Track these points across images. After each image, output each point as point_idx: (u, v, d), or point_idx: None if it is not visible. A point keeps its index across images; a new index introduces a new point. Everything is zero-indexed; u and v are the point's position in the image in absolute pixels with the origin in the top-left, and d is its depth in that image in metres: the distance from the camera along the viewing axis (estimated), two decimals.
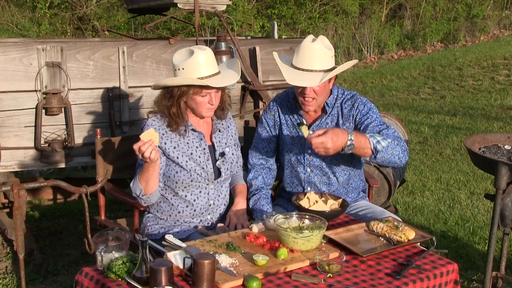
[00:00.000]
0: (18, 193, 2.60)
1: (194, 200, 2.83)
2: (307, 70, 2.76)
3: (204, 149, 2.83)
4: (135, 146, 2.48)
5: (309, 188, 3.01)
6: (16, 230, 2.64)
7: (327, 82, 2.81)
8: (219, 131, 2.93)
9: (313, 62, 2.75)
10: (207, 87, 2.70)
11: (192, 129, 2.82)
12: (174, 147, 2.77)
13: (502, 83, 10.09)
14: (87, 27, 13.32)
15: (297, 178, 3.03)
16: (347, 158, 2.93)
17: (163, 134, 2.76)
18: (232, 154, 2.95)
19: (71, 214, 4.96)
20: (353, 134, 2.57)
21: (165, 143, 2.77)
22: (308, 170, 2.98)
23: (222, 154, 2.89)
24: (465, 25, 14.63)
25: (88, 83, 3.94)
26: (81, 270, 2.24)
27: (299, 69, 2.77)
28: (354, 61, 3.14)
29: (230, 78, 2.80)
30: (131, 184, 2.74)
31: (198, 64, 2.67)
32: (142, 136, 2.49)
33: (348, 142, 2.55)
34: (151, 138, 2.49)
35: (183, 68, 2.68)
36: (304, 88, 2.79)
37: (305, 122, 2.95)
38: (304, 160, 2.97)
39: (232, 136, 2.99)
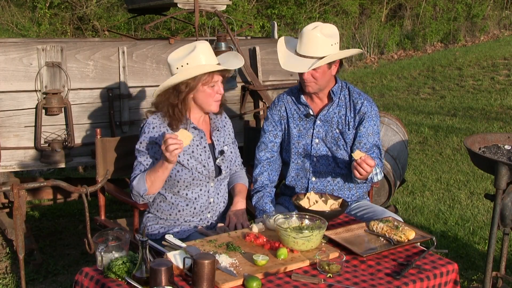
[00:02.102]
0: (18, 193, 2.60)
1: (195, 198, 2.83)
2: (303, 56, 2.86)
3: (204, 147, 2.83)
4: (167, 136, 2.49)
5: (314, 179, 3.03)
6: (16, 230, 2.64)
7: (326, 69, 2.88)
8: (218, 130, 2.93)
9: (310, 48, 2.85)
10: (219, 73, 2.70)
11: (193, 127, 2.82)
12: None
13: (502, 83, 10.08)
14: (87, 27, 13.32)
15: (303, 169, 3.06)
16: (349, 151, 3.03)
17: (164, 133, 2.76)
18: (231, 152, 2.97)
19: (71, 214, 4.96)
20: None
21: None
22: (315, 159, 3.02)
23: (222, 152, 2.90)
24: (465, 25, 14.62)
25: (88, 83, 3.94)
26: (81, 270, 2.24)
27: (296, 54, 2.88)
28: (354, 50, 3.12)
29: (236, 62, 2.85)
30: (134, 183, 2.73)
31: (203, 55, 2.69)
32: (177, 133, 2.53)
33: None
34: (182, 139, 2.53)
35: (187, 63, 2.67)
36: (302, 74, 2.88)
37: (311, 113, 3.01)
38: (311, 149, 3.02)
39: (229, 135, 3.01)
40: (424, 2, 15.12)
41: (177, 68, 2.71)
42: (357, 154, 2.65)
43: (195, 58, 2.68)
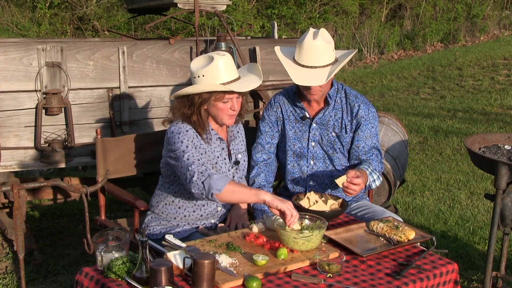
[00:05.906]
0: (18, 193, 2.61)
1: (203, 206, 2.81)
2: (311, 67, 2.80)
3: (224, 158, 2.80)
4: (292, 208, 2.41)
5: (311, 182, 3.03)
6: (16, 230, 2.64)
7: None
8: (235, 138, 2.91)
9: (316, 59, 2.80)
10: (230, 93, 2.64)
11: (219, 138, 2.78)
12: (202, 154, 2.70)
13: (502, 83, 10.08)
14: (87, 27, 13.33)
15: (300, 172, 3.05)
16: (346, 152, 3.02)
17: (193, 138, 2.68)
18: (244, 160, 2.93)
19: (71, 214, 4.96)
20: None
21: (196, 148, 2.66)
22: (312, 162, 3.02)
23: (237, 163, 2.88)
24: (465, 25, 14.62)
25: (88, 83, 3.94)
26: (81, 270, 2.25)
27: (303, 66, 2.81)
28: (353, 51, 3.08)
29: (252, 82, 2.73)
30: (215, 177, 2.48)
31: (218, 70, 2.61)
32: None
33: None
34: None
35: (203, 75, 2.62)
36: (309, 86, 2.84)
37: (308, 115, 3.00)
38: (308, 152, 3.01)
39: (242, 141, 2.97)
40: (424, 2, 15.13)
41: (195, 78, 2.66)
42: (339, 181, 2.66)
43: (211, 71, 2.61)
